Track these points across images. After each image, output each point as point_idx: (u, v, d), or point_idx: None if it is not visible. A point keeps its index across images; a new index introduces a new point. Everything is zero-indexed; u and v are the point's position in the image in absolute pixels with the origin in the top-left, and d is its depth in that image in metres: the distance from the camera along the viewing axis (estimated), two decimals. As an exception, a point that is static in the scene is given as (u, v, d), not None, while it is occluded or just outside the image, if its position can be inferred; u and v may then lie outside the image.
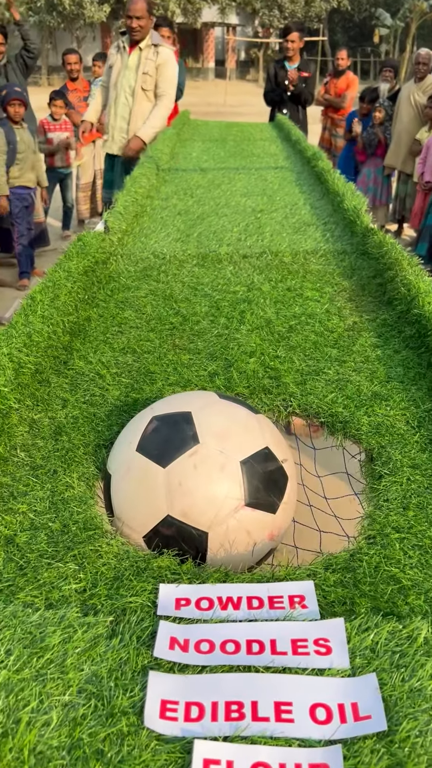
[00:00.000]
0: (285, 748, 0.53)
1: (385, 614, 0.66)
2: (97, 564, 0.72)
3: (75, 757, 0.52)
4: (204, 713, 0.56)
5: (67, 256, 1.51)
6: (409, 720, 0.54)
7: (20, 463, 0.89)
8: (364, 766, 0.51)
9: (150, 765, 0.52)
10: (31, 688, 0.57)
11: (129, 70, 3.95)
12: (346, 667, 0.60)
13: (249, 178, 2.59)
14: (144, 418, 0.88)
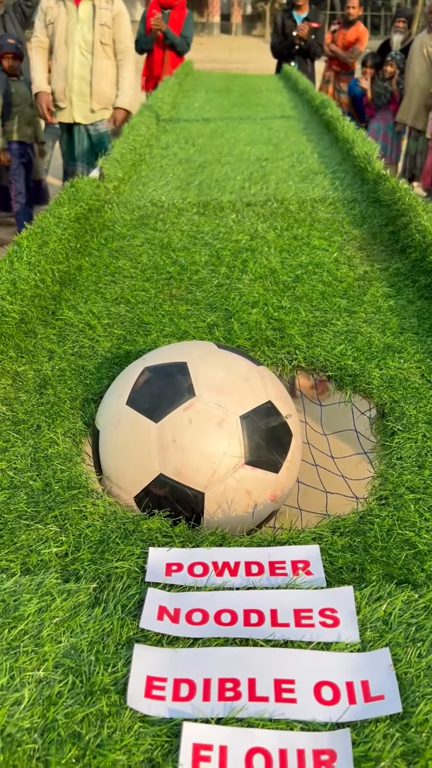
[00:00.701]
0: (286, 731, 0.47)
1: (399, 582, 0.59)
2: (81, 526, 0.66)
3: (48, 740, 0.46)
4: (195, 691, 0.50)
5: (58, 202, 1.42)
6: (427, 701, 0.48)
7: (1, 417, 0.82)
8: (376, 753, 0.45)
9: (133, 750, 0.46)
10: (1, 662, 0.51)
11: (82, 23, 3.53)
12: (356, 641, 0.53)
13: (254, 128, 2.47)
14: (135, 370, 0.81)
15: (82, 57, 3.61)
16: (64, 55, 3.63)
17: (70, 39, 3.59)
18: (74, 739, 0.46)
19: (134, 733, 0.47)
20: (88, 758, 0.45)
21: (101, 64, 3.55)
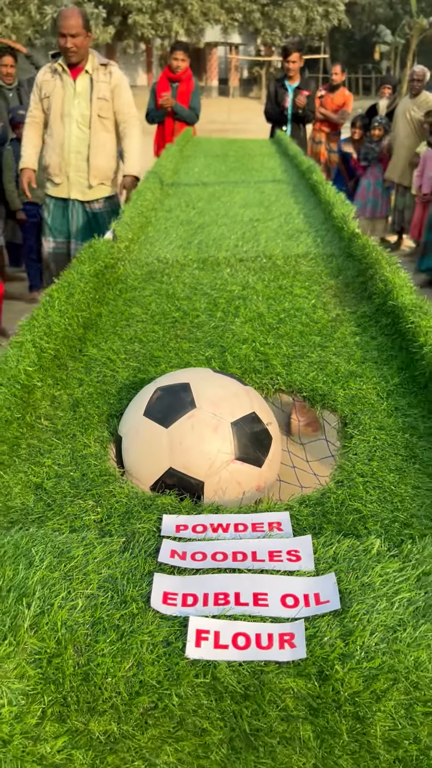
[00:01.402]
0: (260, 623, 0.68)
1: (346, 534, 0.81)
2: (111, 501, 0.88)
3: (97, 629, 0.67)
4: (197, 601, 0.71)
5: (79, 260, 1.67)
6: (358, 603, 0.69)
7: (45, 429, 1.05)
8: (321, 634, 0.66)
9: (155, 634, 0.67)
10: (61, 584, 0.72)
11: (79, 97, 3.41)
12: (312, 570, 0.74)
13: (247, 191, 2.77)
14: (149, 390, 1.04)
15: (79, 131, 3.48)
16: (59, 130, 3.50)
17: (66, 113, 3.45)
18: (114, 629, 0.67)
19: (156, 624, 0.68)
20: (124, 639, 0.66)
21: (99, 138, 3.46)
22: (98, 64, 3.40)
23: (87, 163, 3.47)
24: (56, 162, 3.51)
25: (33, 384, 1.10)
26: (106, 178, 3.55)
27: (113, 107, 3.47)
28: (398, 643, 0.65)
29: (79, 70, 3.37)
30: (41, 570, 0.73)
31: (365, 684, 0.63)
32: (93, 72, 3.37)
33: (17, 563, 0.73)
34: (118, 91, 3.43)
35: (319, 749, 0.65)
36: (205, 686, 0.64)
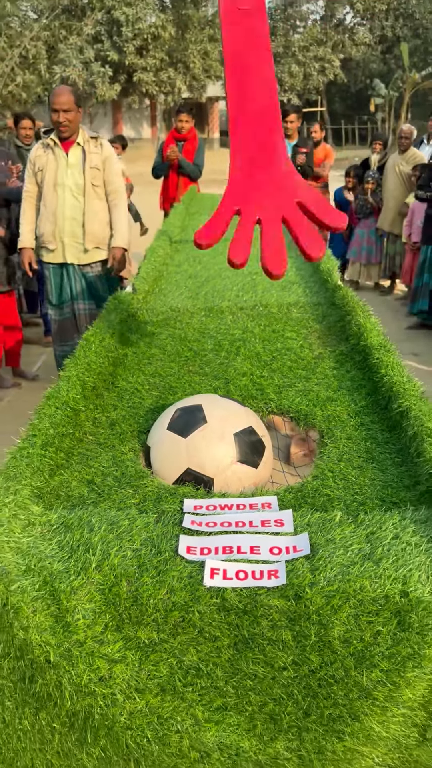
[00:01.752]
0: (254, 564, 0.98)
1: (318, 510, 1.11)
2: (145, 491, 1.18)
3: (142, 570, 0.97)
4: (210, 551, 1.01)
5: (107, 310, 2.01)
6: (323, 551, 0.99)
7: (90, 441, 1.36)
8: (296, 570, 0.96)
9: (182, 571, 0.96)
10: (114, 542, 1.02)
11: (72, 167, 3.56)
12: (291, 531, 1.04)
13: (247, 246, 3.12)
14: (171, 410, 1.35)
15: (73, 199, 3.59)
16: (53, 199, 3.61)
17: (60, 183, 3.56)
18: (154, 568, 0.97)
19: (182, 565, 0.97)
20: (161, 575, 0.96)
21: (93, 205, 3.59)
22: (89, 137, 3.58)
23: (82, 228, 3.59)
24: (50, 230, 3.62)
25: (79, 408, 1.42)
26: (101, 242, 3.68)
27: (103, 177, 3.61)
28: (349, 575, 0.94)
29: (70, 143, 3.52)
30: (100, 533, 1.03)
31: (326, 601, 0.92)
32: (84, 144, 3.54)
33: (82, 528, 1.04)
34: (109, 163, 3.58)
35: (296, 648, 0.93)
36: (217, 605, 0.94)
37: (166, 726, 0.94)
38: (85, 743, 1.00)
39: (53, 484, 1.20)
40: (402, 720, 0.96)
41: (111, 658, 0.94)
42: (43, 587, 0.94)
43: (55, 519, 1.07)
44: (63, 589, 0.94)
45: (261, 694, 0.95)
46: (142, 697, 0.94)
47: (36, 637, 0.92)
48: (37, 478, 1.15)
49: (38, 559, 0.97)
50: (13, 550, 0.97)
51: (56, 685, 0.94)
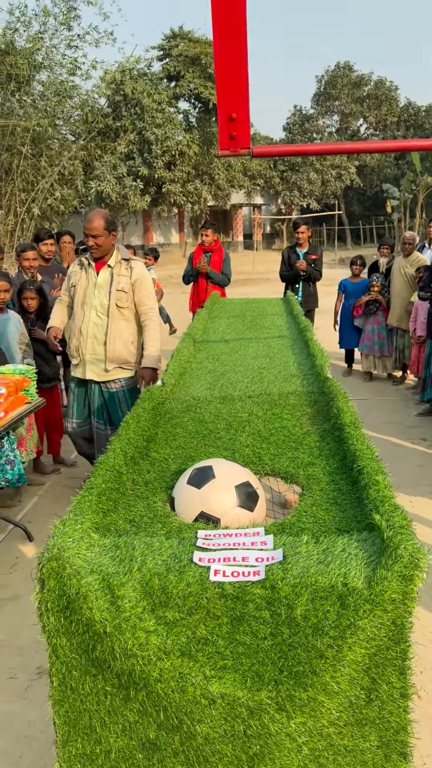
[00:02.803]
0: (245, 567, 1.43)
1: (291, 535, 1.56)
2: (171, 525, 1.65)
3: (168, 571, 1.42)
4: (214, 561, 1.46)
5: (141, 399, 2.54)
6: (291, 558, 1.44)
7: (130, 495, 1.85)
8: (272, 570, 1.40)
9: (195, 571, 1.42)
10: (149, 554, 1.48)
11: (99, 288, 3.67)
12: (272, 548, 1.49)
13: (258, 345, 3.69)
14: (190, 470, 1.84)
15: (97, 318, 3.69)
16: (80, 316, 3.74)
17: (87, 302, 3.69)
18: (176, 570, 1.42)
19: (196, 568, 1.42)
20: (181, 573, 1.41)
21: (116, 325, 3.69)
22: (121, 259, 3.73)
23: (104, 347, 3.71)
24: (75, 345, 3.81)
25: (122, 471, 1.91)
26: (124, 362, 3.81)
27: (134, 299, 3.74)
28: (308, 573, 1.39)
29: (102, 263, 3.71)
30: (140, 549, 1.49)
31: (292, 590, 1.37)
32: (114, 266, 3.69)
33: (127, 547, 1.51)
34: (139, 285, 3.71)
35: (272, 623, 1.37)
36: (218, 593, 1.39)
37: (185, 680, 1.37)
38: (128, 699, 1.43)
39: (105, 522, 1.68)
40: (349, 679, 1.37)
41: (147, 630, 1.38)
42: (102, 582, 1.41)
43: (108, 542, 1.54)
44: (115, 584, 1.40)
45: (249, 657, 1.38)
46: (168, 658, 1.38)
47: (98, 615, 1.38)
48: (95, 517, 1.63)
49: (98, 565, 1.44)
50: (82, 559, 1.45)
51: (110, 651, 1.39)
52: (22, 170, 20.21)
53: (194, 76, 25.50)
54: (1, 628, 3.29)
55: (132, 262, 3.79)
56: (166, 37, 26.77)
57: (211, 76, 25.71)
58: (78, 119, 23.12)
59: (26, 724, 2.63)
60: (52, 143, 21.51)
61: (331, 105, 34.48)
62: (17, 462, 4.44)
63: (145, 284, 3.80)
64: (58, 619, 1.43)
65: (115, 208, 24.84)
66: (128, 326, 3.78)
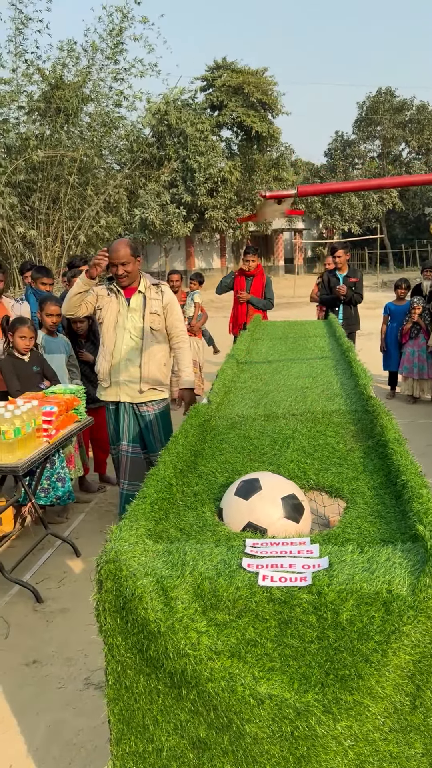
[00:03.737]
0: (292, 573, 1.49)
1: (336, 545, 1.62)
2: (220, 534, 1.72)
3: (218, 575, 1.49)
4: (262, 567, 1.52)
5: (188, 417, 2.63)
6: (337, 566, 1.49)
7: (181, 505, 1.93)
8: (319, 576, 1.46)
9: (244, 576, 1.48)
10: (200, 559, 1.55)
11: (132, 312, 3.74)
12: (318, 557, 1.55)
13: (301, 366, 3.75)
14: (237, 482, 1.91)
15: (131, 341, 3.74)
16: (111, 339, 3.77)
17: (120, 325, 3.74)
18: (226, 575, 1.49)
19: (245, 573, 1.49)
20: (231, 578, 1.48)
21: (151, 348, 3.76)
22: (150, 284, 3.81)
23: (139, 369, 3.77)
24: (105, 368, 3.84)
25: (172, 483, 2.00)
26: (157, 383, 3.86)
27: (165, 323, 3.84)
28: (353, 581, 1.44)
29: (132, 290, 3.78)
30: (191, 554, 1.57)
31: (338, 595, 1.42)
32: (146, 291, 3.78)
33: (179, 552, 1.58)
34: (170, 308, 3.81)
35: (318, 627, 1.42)
36: (267, 597, 1.45)
37: (234, 680, 1.43)
38: (180, 698, 1.49)
39: (158, 529, 1.76)
40: (394, 684, 1.41)
41: (199, 631, 1.45)
42: (156, 585, 1.49)
43: (161, 548, 1.62)
44: (168, 586, 1.48)
45: (297, 660, 1.43)
46: (219, 658, 1.44)
47: (152, 615, 1.45)
48: (148, 524, 1.72)
49: (152, 568, 1.52)
50: (137, 562, 1.53)
51: (163, 650, 1.46)
52: (69, 199, 20.87)
53: (237, 105, 26.01)
54: (50, 641, 3.39)
55: (162, 286, 3.89)
56: (209, 69, 27.44)
57: (253, 105, 26.21)
58: (123, 149, 23.80)
59: (75, 732, 2.70)
60: (98, 172, 22.17)
61: (373, 130, 34.63)
62: (67, 479, 4.58)
63: (176, 308, 3.90)
64: (115, 619, 1.51)
65: (158, 234, 25.36)
66: (161, 348, 3.87)
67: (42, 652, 3.27)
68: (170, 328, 3.85)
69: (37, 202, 20.55)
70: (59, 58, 20.13)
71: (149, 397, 3.88)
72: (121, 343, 3.74)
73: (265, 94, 25.96)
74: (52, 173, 20.53)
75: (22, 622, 3.55)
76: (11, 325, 4.38)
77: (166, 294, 3.83)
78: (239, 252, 30.13)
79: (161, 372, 3.88)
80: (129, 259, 3.66)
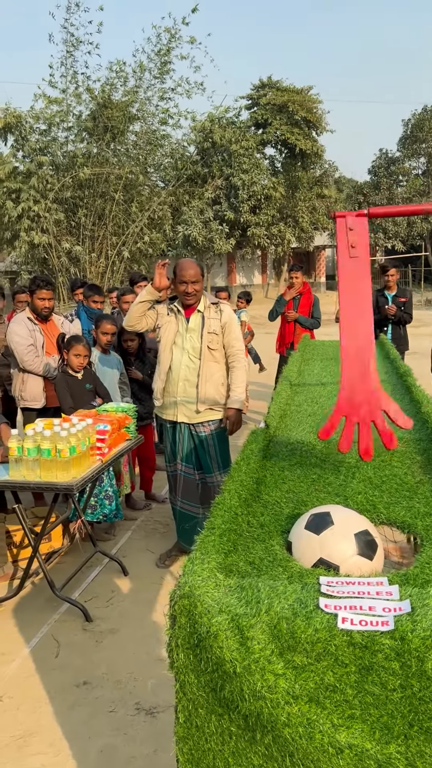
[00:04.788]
0: (372, 616, 1.43)
1: (414, 586, 1.55)
2: (292, 570, 1.68)
3: (295, 616, 1.45)
4: (340, 608, 1.47)
5: (248, 442, 2.59)
6: (420, 610, 1.43)
7: (248, 536, 1.89)
8: (401, 620, 1.40)
9: (322, 617, 1.43)
10: (275, 597, 1.51)
11: (191, 332, 3.77)
12: (398, 599, 1.49)
13: (357, 390, 3.68)
14: (307, 515, 1.86)
15: (189, 361, 3.77)
16: (167, 358, 3.80)
17: (178, 345, 3.78)
18: (303, 615, 1.44)
19: (322, 615, 1.44)
20: (309, 619, 1.43)
21: (208, 367, 3.76)
22: (209, 303, 3.86)
23: (196, 389, 3.78)
24: (160, 387, 3.90)
25: (237, 513, 1.96)
26: (214, 403, 3.87)
27: (223, 341, 3.85)
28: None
29: (192, 310, 3.83)
30: (265, 591, 1.53)
31: (422, 642, 1.36)
32: (205, 310, 3.83)
33: (252, 589, 1.54)
34: (228, 327, 3.83)
35: (402, 674, 1.36)
36: (347, 641, 1.40)
37: (312, 727, 1.38)
38: (254, 742, 1.44)
39: (227, 562, 1.73)
40: None
41: (276, 673, 1.41)
42: (231, 623, 1.45)
43: (233, 583, 1.58)
44: (244, 624, 1.44)
45: (378, 708, 1.37)
46: (296, 703, 1.39)
47: (228, 655, 1.41)
48: (218, 557, 1.68)
49: (226, 605, 1.48)
50: (211, 599, 1.49)
51: (239, 691, 1.42)
52: (114, 215, 21.21)
53: (281, 123, 26.13)
54: (100, 662, 3.37)
55: (221, 305, 3.91)
56: (254, 87, 27.66)
57: (297, 123, 26.28)
58: (168, 166, 24.11)
59: (127, 759, 2.67)
60: (142, 189, 22.51)
61: (418, 147, 34.35)
62: (115, 497, 4.58)
63: (234, 327, 3.90)
64: (188, 656, 1.47)
65: (200, 251, 25.54)
66: (219, 368, 3.87)
67: (92, 674, 3.26)
68: (227, 346, 3.85)
69: (83, 218, 20.95)
70: (109, 78, 20.57)
71: (206, 417, 3.88)
72: (179, 362, 3.76)
73: (309, 112, 26.01)
74: (98, 190, 20.91)
75: (71, 642, 3.54)
76: (66, 342, 4.43)
77: (225, 313, 3.85)
78: (280, 268, 30.10)
79: (218, 392, 3.87)
80: (198, 278, 3.72)
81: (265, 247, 27.88)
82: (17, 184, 19.90)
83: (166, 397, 3.86)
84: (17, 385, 4.97)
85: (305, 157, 27.02)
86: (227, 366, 3.94)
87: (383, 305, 7.17)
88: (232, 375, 3.89)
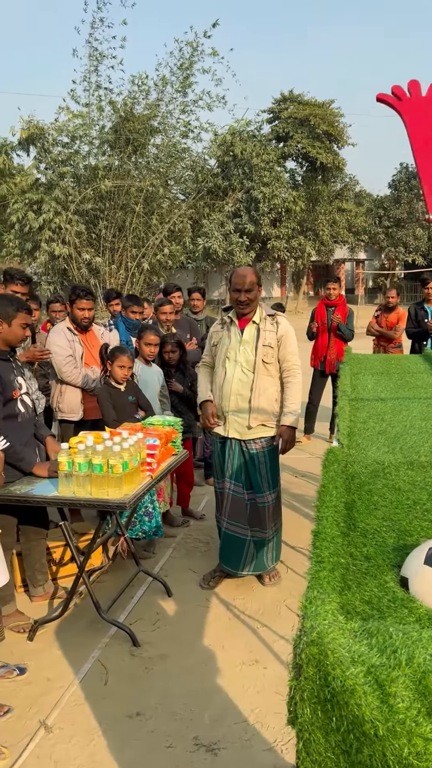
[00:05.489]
0: None
1: None
2: (419, 612, 1.49)
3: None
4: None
5: (326, 464, 2.41)
6: None
7: (356, 571, 1.71)
8: None
9: None
10: (413, 645, 1.32)
11: (245, 344, 3.62)
12: None
13: (421, 406, 3.50)
14: (424, 547, 1.68)
15: (242, 375, 3.61)
16: (221, 373, 3.68)
17: (232, 358, 3.63)
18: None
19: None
20: None
21: (262, 382, 3.61)
22: (266, 315, 3.70)
23: (248, 404, 3.61)
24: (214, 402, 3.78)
25: (338, 543, 1.78)
26: (268, 419, 3.70)
27: (278, 355, 3.68)
28: None
29: (246, 320, 3.68)
30: (399, 638, 1.34)
31: None
32: (260, 322, 3.65)
33: (383, 635, 1.36)
34: (285, 341, 3.68)
35: None
36: None
37: (469, 801, 1.19)
38: None
39: (342, 601, 1.54)
40: None
41: (426, 737, 1.22)
42: (367, 675, 1.26)
43: (357, 627, 1.40)
44: (384, 678, 1.25)
45: None
46: (449, 773, 1.20)
47: (368, 714, 1.23)
48: (336, 596, 1.50)
49: (359, 655, 1.30)
50: (341, 646, 1.31)
51: (381, 756, 1.23)
52: (134, 227, 21.20)
53: (302, 136, 26.10)
54: (151, 690, 3.19)
55: (278, 317, 3.76)
56: (276, 101, 27.70)
57: (318, 137, 26.25)
58: (188, 179, 24.12)
59: (193, 803, 2.47)
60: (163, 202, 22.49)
61: (438, 161, 34.20)
62: (156, 514, 4.41)
63: (291, 340, 3.75)
64: (315, 712, 1.29)
65: (220, 263, 25.47)
66: (273, 382, 3.71)
67: (144, 704, 3.07)
68: (283, 360, 3.68)
69: (104, 230, 20.96)
70: (131, 92, 20.63)
71: (258, 434, 3.71)
72: (232, 376, 3.61)
73: (331, 125, 25.98)
74: (118, 202, 20.93)
75: (120, 668, 3.36)
76: (110, 353, 4.28)
77: (281, 325, 3.69)
78: (299, 281, 29.99)
79: (272, 407, 3.70)
80: (254, 286, 3.56)
81: (284, 260, 27.78)
82: (39, 195, 19.96)
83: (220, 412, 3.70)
84: (55, 397, 4.83)
85: (326, 171, 26.95)
86: (281, 381, 3.75)
87: (422, 318, 6.99)
88: (287, 391, 3.72)
